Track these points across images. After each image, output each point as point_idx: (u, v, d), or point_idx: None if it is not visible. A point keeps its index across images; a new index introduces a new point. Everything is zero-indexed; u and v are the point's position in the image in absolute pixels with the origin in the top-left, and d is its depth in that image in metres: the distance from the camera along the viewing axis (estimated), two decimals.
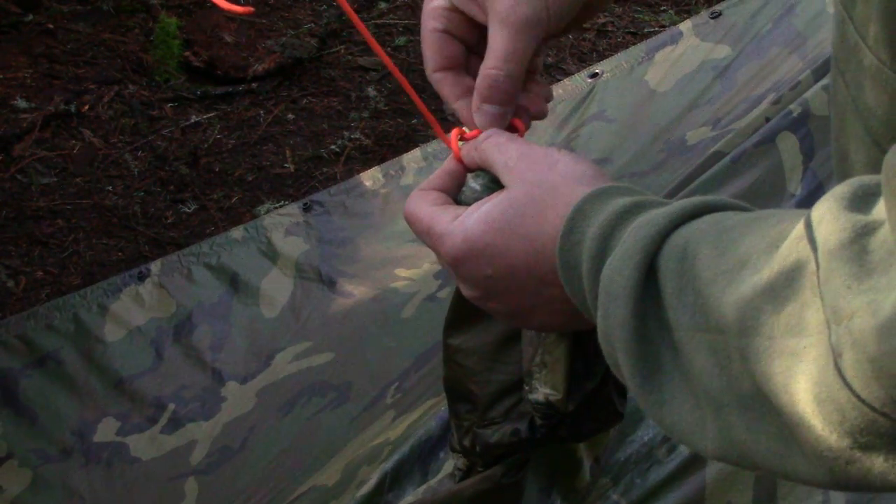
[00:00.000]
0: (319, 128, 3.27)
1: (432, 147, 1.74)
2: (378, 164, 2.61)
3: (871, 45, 0.55)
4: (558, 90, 1.76)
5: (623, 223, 0.59)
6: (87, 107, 3.24)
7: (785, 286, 0.48)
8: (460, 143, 0.74)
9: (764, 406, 0.49)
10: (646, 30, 3.65)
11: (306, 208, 1.71)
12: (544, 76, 3.41)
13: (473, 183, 0.71)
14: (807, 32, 1.60)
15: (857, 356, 0.43)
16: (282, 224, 1.69)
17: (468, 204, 0.70)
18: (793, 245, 0.49)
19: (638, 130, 1.69)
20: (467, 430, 0.75)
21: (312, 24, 3.62)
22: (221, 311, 1.58)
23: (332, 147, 3.18)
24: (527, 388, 0.72)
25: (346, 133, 3.22)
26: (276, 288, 1.61)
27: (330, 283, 1.59)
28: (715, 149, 1.39)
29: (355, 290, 1.57)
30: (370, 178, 1.79)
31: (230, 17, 3.52)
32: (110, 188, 3.01)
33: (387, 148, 3.15)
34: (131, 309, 1.63)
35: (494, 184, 0.70)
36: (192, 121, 3.24)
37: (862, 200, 0.47)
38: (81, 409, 1.52)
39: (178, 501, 1.44)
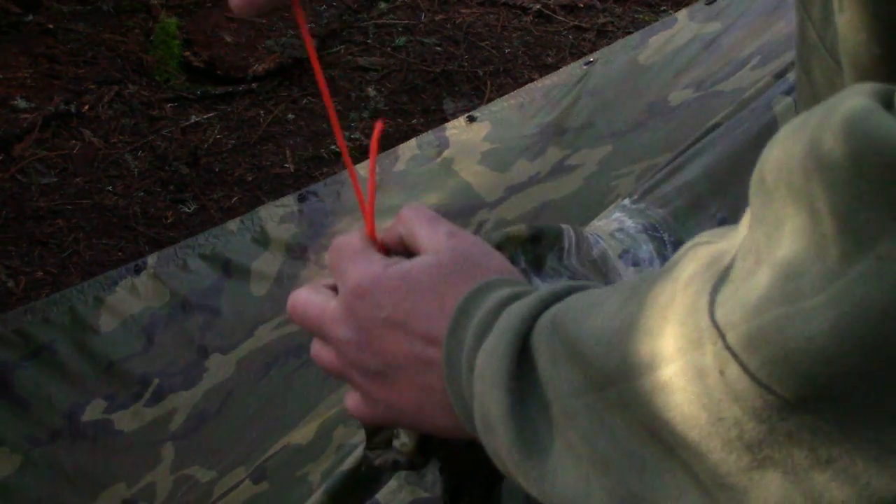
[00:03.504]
0: (319, 128, 3.27)
1: (427, 137, 1.74)
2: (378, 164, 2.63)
3: (828, 47, 0.55)
4: (553, 78, 1.77)
5: (499, 315, 0.59)
6: (87, 107, 3.24)
7: (643, 323, 0.47)
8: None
9: (653, 450, 0.48)
10: None
11: (301, 199, 1.71)
12: (543, 75, 3.39)
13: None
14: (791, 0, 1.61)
15: (739, 336, 0.42)
16: (276, 214, 1.70)
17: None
18: (652, 285, 0.49)
19: (622, 97, 1.70)
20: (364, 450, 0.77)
21: (312, 25, 3.62)
22: (213, 295, 1.58)
23: (332, 147, 3.18)
24: (395, 431, 0.73)
25: (345, 133, 3.23)
26: (266, 268, 1.62)
27: (317, 258, 1.60)
28: (712, 122, 1.39)
29: None
30: (364, 167, 1.80)
31: (230, 16, 3.53)
32: (110, 188, 3.01)
33: (387, 148, 3.14)
34: (126, 300, 1.64)
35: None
36: (192, 121, 3.25)
37: (729, 232, 0.47)
38: (72, 394, 1.53)
39: (154, 465, 1.45)
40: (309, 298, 0.70)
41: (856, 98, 0.38)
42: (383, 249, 0.70)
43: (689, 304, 0.45)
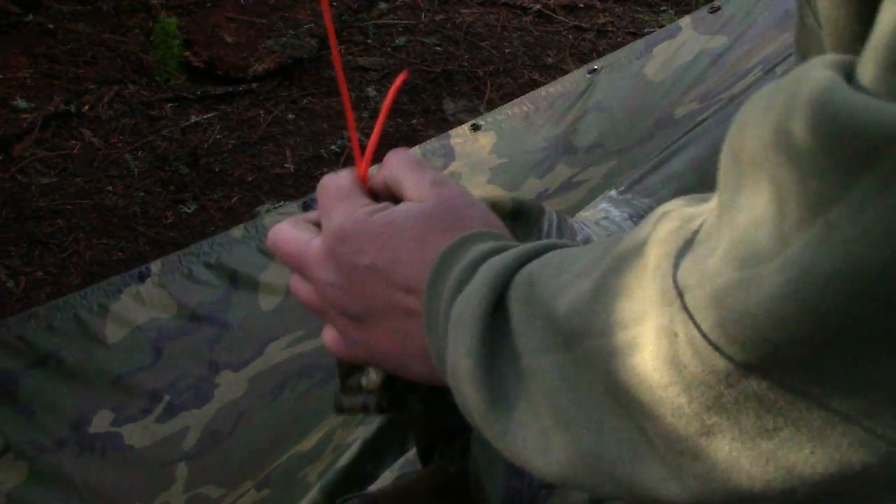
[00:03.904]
0: (319, 128, 3.27)
1: (431, 145, 1.74)
2: (378, 163, 2.61)
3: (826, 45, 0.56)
4: (557, 87, 1.76)
5: (478, 267, 0.59)
6: (87, 107, 3.24)
7: (613, 283, 0.48)
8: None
9: (612, 410, 0.49)
10: (646, 30, 3.66)
11: (305, 207, 1.71)
12: (543, 75, 3.38)
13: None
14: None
15: (695, 297, 0.43)
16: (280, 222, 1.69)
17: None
18: (623, 246, 0.49)
19: (632, 116, 1.70)
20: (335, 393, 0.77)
21: (312, 24, 3.62)
22: (221, 309, 1.58)
23: (332, 147, 3.19)
24: (366, 368, 0.73)
25: (346, 133, 3.22)
26: (274, 280, 1.62)
27: None
28: (702, 117, 1.40)
29: None
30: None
31: (230, 16, 3.53)
32: (110, 188, 3.01)
33: (387, 148, 3.10)
34: (132, 308, 1.63)
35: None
36: (192, 121, 3.24)
37: (702, 199, 0.48)
38: (78, 403, 1.52)
39: (169, 485, 1.45)
40: (291, 234, 0.69)
41: (820, 72, 0.39)
42: (371, 194, 0.69)
43: (655, 266, 0.46)
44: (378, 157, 0.71)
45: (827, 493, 0.42)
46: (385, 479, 1.14)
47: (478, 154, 1.68)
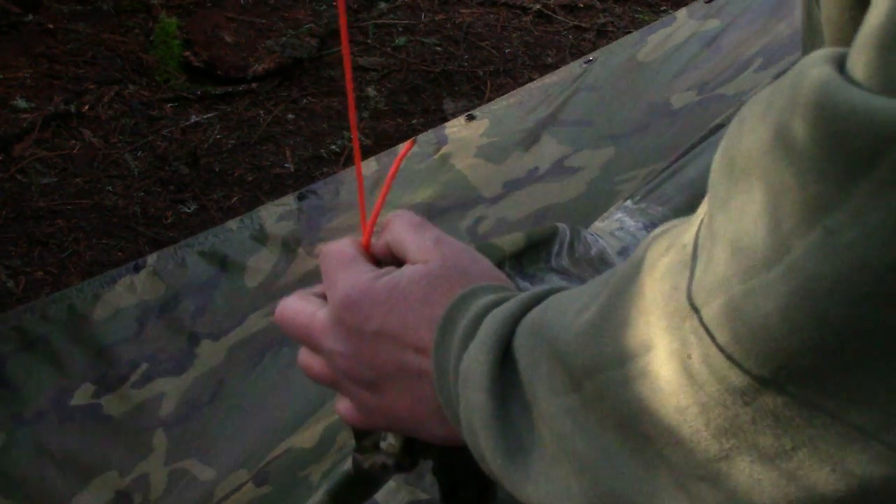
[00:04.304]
0: (319, 128, 3.27)
1: (426, 135, 1.74)
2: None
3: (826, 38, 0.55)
4: (553, 77, 1.77)
5: (482, 320, 0.59)
6: (87, 107, 3.24)
7: (615, 314, 0.48)
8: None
9: (627, 445, 0.48)
10: None
11: (301, 197, 1.71)
12: (544, 75, 3.39)
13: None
14: (794, 2, 1.60)
15: (710, 313, 0.42)
16: (276, 213, 1.70)
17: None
18: (619, 275, 0.49)
19: (622, 96, 1.70)
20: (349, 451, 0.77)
21: (312, 24, 3.63)
22: (207, 288, 1.59)
23: (332, 147, 3.19)
24: (382, 433, 0.73)
25: (346, 133, 3.23)
26: (261, 263, 1.62)
27: (309, 249, 1.61)
28: (716, 122, 1.39)
29: None
30: (365, 166, 1.80)
31: (230, 16, 3.53)
32: (110, 188, 3.01)
33: (387, 148, 3.14)
34: (123, 295, 1.64)
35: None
36: (192, 121, 3.25)
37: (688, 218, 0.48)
38: (61, 378, 1.53)
39: (147, 453, 1.44)
40: (297, 307, 0.69)
41: (819, 69, 0.38)
42: (374, 260, 0.69)
43: (661, 290, 0.45)
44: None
45: None
46: (390, 485, 1.14)
47: (469, 138, 1.69)
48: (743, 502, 0.43)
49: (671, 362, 0.44)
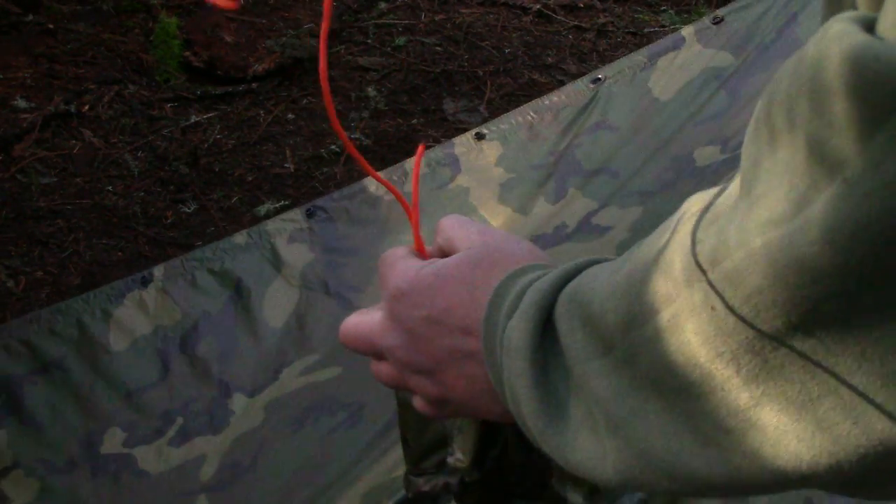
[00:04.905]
0: (319, 128, 3.27)
1: (435, 154, 1.74)
2: (378, 164, 2.61)
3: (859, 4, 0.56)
4: (561, 96, 1.76)
5: (525, 293, 0.61)
6: (87, 107, 3.24)
7: (642, 271, 0.49)
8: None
9: (657, 403, 0.49)
10: (646, 30, 3.66)
11: (309, 214, 1.70)
12: (544, 75, 3.38)
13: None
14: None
15: (720, 273, 0.43)
16: (285, 230, 1.69)
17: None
18: (651, 238, 0.51)
19: (641, 139, 1.69)
20: (405, 475, 0.77)
21: (312, 24, 3.62)
22: (227, 321, 1.57)
23: (332, 147, 3.18)
24: (449, 449, 0.74)
25: (346, 133, 3.22)
26: (281, 297, 1.61)
27: (337, 296, 1.59)
28: None
29: (362, 304, 1.56)
30: (373, 182, 1.78)
31: (230, 16, 3.52)
32: (110, 188, 3.01)
33: (387, 148, 3.15)
34: (135, 316, 1.63)
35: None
36: (192, 121, 3.24)
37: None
38: (87, 419, 1.51)
39: None
40: (356, 319, 0.71)
41: (845, 25, 0.39)
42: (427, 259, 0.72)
43: (683, 245, 0.47)
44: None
45: (874, 471, 0.42)
46: None
47: (484, 167, 1.68)
48: (769, 455, 0.44)
49: (698, 313, 0.45)
